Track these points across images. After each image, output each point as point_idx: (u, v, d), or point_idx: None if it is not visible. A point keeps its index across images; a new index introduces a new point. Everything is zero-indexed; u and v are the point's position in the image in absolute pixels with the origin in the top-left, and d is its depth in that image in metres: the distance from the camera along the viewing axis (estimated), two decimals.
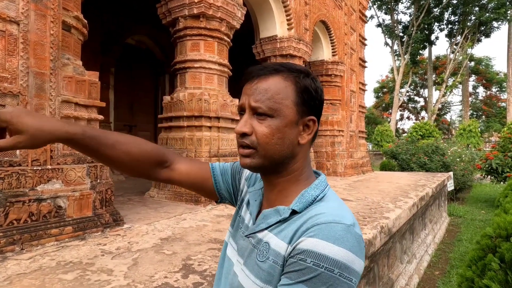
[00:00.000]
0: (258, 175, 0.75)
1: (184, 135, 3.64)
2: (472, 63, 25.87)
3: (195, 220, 2.74)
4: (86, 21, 2.40)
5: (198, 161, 0.83)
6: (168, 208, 3.19)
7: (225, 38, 3.94)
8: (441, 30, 22.17)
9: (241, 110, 0.63)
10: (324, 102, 5.19)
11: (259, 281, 0.57)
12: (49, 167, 2.07)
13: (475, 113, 27.83)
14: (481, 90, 28.67)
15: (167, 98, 3.95)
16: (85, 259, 1.74)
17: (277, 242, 0.58)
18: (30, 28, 1.88)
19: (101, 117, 2.54)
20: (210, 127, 3.67)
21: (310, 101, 0.62)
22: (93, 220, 2.28)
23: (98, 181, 2.39)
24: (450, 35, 21.94)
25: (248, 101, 0.61)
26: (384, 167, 9.77)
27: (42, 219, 2.00)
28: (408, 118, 31.31)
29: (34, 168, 1.98)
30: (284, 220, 0.60)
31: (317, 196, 0.61)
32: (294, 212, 0.60)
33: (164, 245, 2.03)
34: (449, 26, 21.76)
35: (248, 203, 0.73)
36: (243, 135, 0.61)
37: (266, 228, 0.63)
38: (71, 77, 2.23)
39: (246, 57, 6.58)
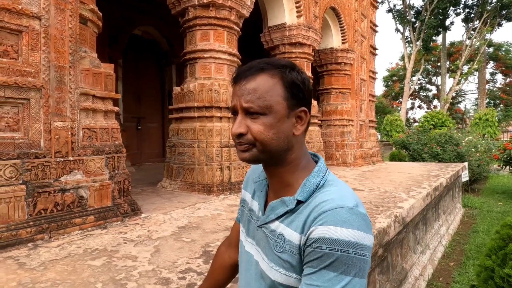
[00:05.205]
0: (260, 169, 0.78)
1: (195, 126, 3.67)
2: (491, 49, 24.81)
3: (209, 209, 2.80)
4: (101, 13, 2.42)
5: (234, 228, 0.91)
6: (181, 198, 3.26)
7: (235, 27, 3.91)
8: (457, 14, 21.31)
9: (234, 112, 0.66)
10: (333, 90, 5.12)
11: (282, 269, 0.62)
12: (71, 158, 2.14)
13: (492, 101, 26.92)
14: (499, 78, 27.62)
15: (177, 89, 3.98)
16: (109, 246, 1.81)
17: (290, 233, 0.62)
18: (50, 22, 1.92)
19: (117, 109, 2.59)
20: (220, 118, 3.69)
21: (299, 93, 0.64)
22: (112, 209, 2.36)
23: (116, 171, 2.46)
24: (467, 20, 21.09)
25: (239, 102, 0.63)
26: (394, 158, 9.66)
27: (66, 209, 2.08)
28: (419, 107, 30.66)
29: (57, 160, 2.05)
30: (292, 211, 0.64)
31: (319, 183, 0.64)
32: (299, 202, 0.63)
33: (182, 233, 2.09)
34: (466, 10, 20.88)
35: (253, 194, 0.78)
36: (239, 135, 0.64)
37: (276, 219, 0.66)
38: (88, 70, 2.27)
39: (257, 47, 6.53)
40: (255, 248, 0.71)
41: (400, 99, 25.40)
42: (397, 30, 22.07)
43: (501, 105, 26.32)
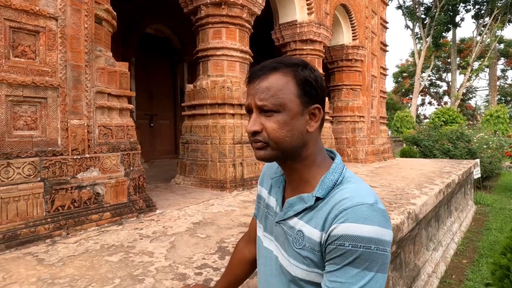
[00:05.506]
0: (276, 165, 0.79)
1: (208, 123, 3.70)
2: (502, 45, 24.27)
3: (222, 205, 2.82)
4: (115, 13, 2.45)
5: (252, 223, 0.92)
6: (195, 194, 3.29)
7: (247, 25, 3.91)
8: (467, 11, 20.82)
9: (249, 110, 0.67)
10: (344, 87, 5.12)
11: (303, 265, 0.63)
12: (87, 155, 2.18)
13: (503, 98, 26.33)
14: (510, 74, 27.02)
15: (190, 86, 4.01)
16: (125, 242, 1.84)
17: (310, 230, 0.62)
18: (67, 23, 1.95)
19: (131, 106, 2.63)
20: (233, 115, 3.71)
21: (312, 90, 0.65)
22: (128, 206, 2.39)
23: (131, 168, 2.50)
24: (477, 16, 20.60)
25: (253, 100, 0.65)
26: (404, 154, 9.54)
27: (83, 205, 2.12)
28: (429, 103, 30.12)
29: (74, 157, 2.09)
30: (311, 208, 0.64)
31: (337, 180, 0.65)
32: (318, 199, 0.64)
33: (197, 229, 2.11)
34: (476, 6, 20.39)
35: (270, 190, 0.78)
36: (254, 133, 0.65)
37: (294, 216, 0.67)
38: (103, 69, 2.30)
39: (269, 44, 6.50)
40: (274, 244, 0.72)
41: (410, 96, 25.01)
42: (407, 26, 21.70)
43: None
